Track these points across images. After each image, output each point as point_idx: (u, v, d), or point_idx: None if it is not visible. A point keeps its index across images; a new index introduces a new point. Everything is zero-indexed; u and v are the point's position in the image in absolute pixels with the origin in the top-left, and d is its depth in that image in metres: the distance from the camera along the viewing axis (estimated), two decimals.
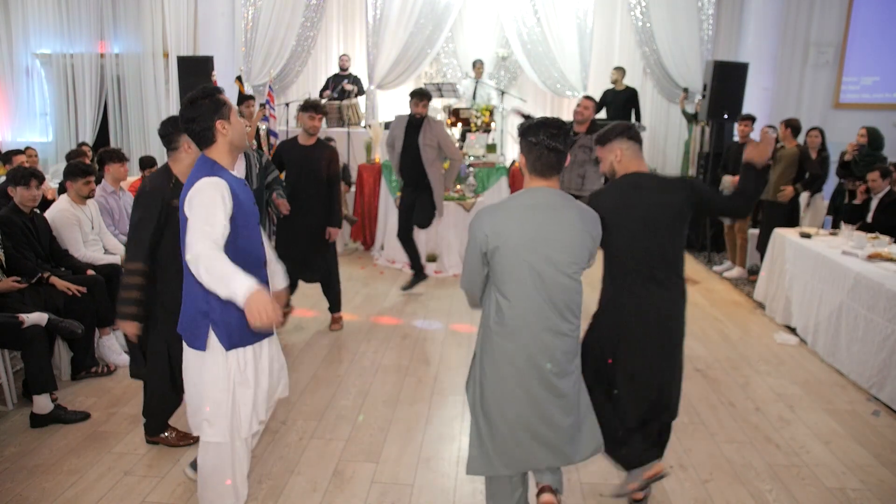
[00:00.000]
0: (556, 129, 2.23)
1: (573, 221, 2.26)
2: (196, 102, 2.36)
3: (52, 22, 9.68)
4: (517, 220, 2.26)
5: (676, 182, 2.73)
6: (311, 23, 9.62)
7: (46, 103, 10.06)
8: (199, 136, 2.39)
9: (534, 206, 2.27)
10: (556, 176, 2.30)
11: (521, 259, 2.25)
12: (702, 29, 9.20)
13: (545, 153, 2.24)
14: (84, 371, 4.15)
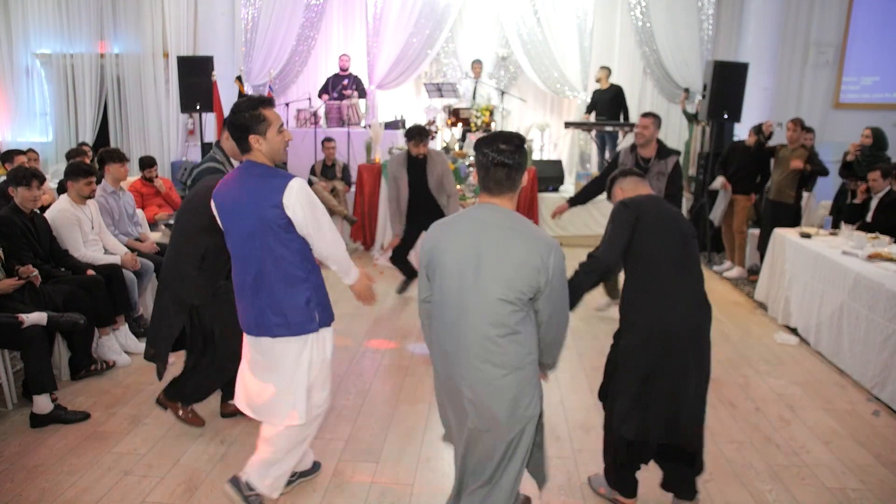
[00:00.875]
0: (504, 143, 2.08)
1: (515, 247, 2.06)
2: (238, 112, 2.52)
3: (52, 22, 9.68)
4: (456, 236, 2.12)
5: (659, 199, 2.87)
6: (311, 23, 9.63)
7: (46, 103, 10.06)
8: (238, 142, 2.57)
9: (474, 221, 2.11)
10: (508, 194, 2.13)
11: (452, 282, 2.12)
12: (702, 29, 9.21)
13: (492, 169, 2.09)
14: (84, 370, 4.15)
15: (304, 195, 2.50)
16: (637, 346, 2.66)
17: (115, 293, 4.43)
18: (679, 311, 2.60)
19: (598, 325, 5.30)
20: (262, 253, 2.54)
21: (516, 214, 2.14)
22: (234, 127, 2.54)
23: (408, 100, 10.09)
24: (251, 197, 2.51)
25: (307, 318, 2.58)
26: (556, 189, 8.44)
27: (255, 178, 2.54)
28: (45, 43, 9.81)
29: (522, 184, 2.18)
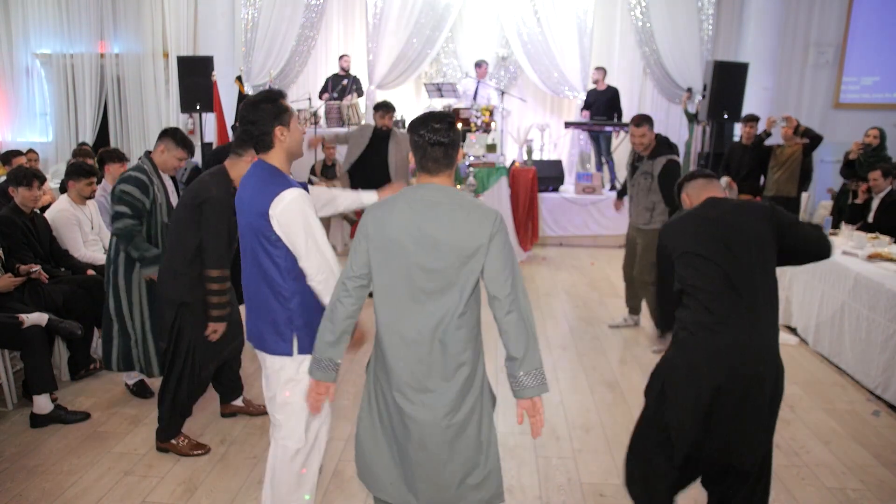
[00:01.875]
0: (437, 122, 2.06)
1: (461, 220, 2.03)
2: (258, 106, 2.37)
3: (52, 22, 9.68)
4: (397, 215, 2.06)
5: (756, 206, 2.40)
6: (311, 23, 9.62)
7: (46, 103, 10.07)
8: (257, 140, 2.40)
9: (418, 201, 2.06)
10: (446, 171, 2.11)
11: (395, 262, 2.06)
12: (702, 29, 9.21)
13: (429, 148, 2.06)
14: (83, 370, 4.15)
15: (294, 209, 2.30)
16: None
17: None
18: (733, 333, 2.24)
19: (599, 326, 5.30)
20: (251, 259, 2.42)
21: (456, 190, 2.13)
22: (254, 123, 2.36)
23: (408, 100, 10.09)
24: (248, 198, 2.38)
25: (284, 339, 2.42)
26: (556, 189, 8.44)
27: (257, 179, 2.38)
28: (45, 43, 9.82)
29: (458, 160, 2.16)
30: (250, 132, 2.39)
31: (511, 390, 2.12)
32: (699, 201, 2.47)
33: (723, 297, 2.25)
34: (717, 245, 2.28)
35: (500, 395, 4.02)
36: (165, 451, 3.30)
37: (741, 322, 2.23)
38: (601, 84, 8.88)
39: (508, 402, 3.94)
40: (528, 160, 8.11)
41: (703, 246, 2.30)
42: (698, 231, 2.34)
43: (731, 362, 2.22)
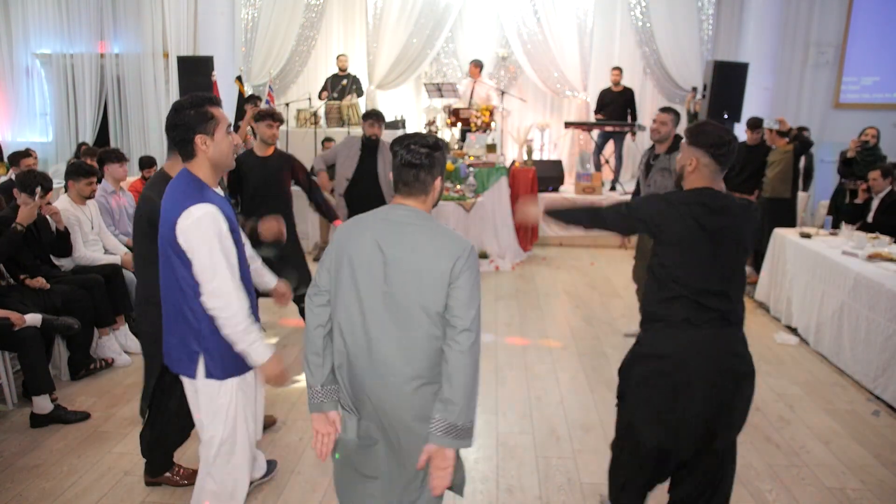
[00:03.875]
0: (417, 144, 1.96)
1: (423, 246, 1.92)
2: (181, 110, 2.21)
3: (52, 22, 9.69)
4: (362, 235, 1.97)
5: (749, 209, 2.35)
6: (311, 23, 9.63)
7: (46, 103, 10.07)
8: (178, 147, 2.24)
9: (384, 221, 1.97)
10: (420, 196, 1.99)
11: (352, 285, 1.96)
12: (702, 29, 9.22)
13: (402, 169, 1.97)
14: (83, 370, 4.15)
15: (199, 226, 2.13)
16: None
17: (115, 293, 4.43)
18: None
19: (599, 326, 5.30)
20: (165, 268, 2.27)
21: (427, 215, 2.00)
22: (175, 127, 2.20)
23: (408, 100, 10.09)
24: (165, 208, 2.22)
25: (191, 359, 2.28)
26: (556, 189, 8.44)
27: (175, 190, 2.22)
28: (45, 43, 9.82)
29: (435, 189, 2.01)
30: (172, 137, 2.24)
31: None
32: (702, 183, 2.32)
33: (707, 293, 2.27)
34: (711, 243, 2.26)
35: (501, 395, 4.03)
36: (158, 485, 3.03)
37: (720, 318, 2.31)
38: (618, 85, 8.89)
39: (508, 401, 3.96)
40: (528, 160, 8.12)
41: (698, 241, 2.26)
42: (697, 224, 2.26)
43: (712, 353, 2.28)
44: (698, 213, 2.26)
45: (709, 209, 2.27)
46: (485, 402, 3.94)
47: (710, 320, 2.29)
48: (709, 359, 2.28)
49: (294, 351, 4.67)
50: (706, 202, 2.28)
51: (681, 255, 2.27)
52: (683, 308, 2.28)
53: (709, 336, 2.28)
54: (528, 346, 4.83)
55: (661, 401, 2.30)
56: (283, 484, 3.07)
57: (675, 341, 2.29)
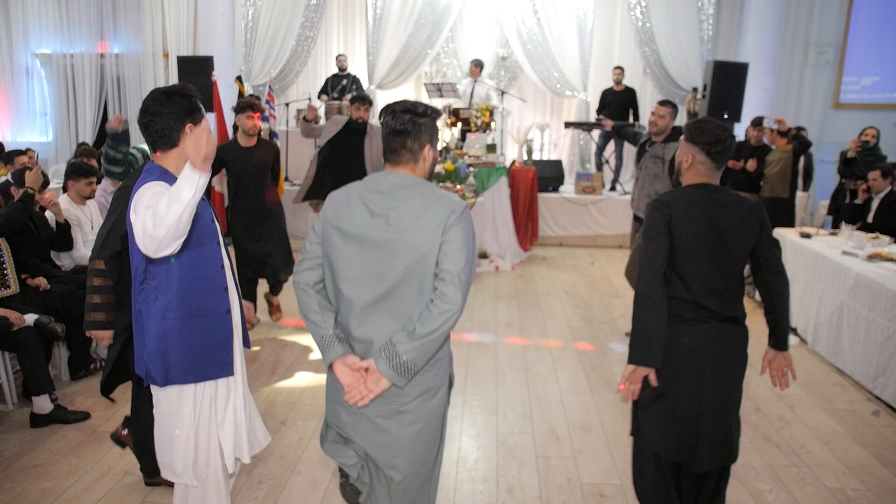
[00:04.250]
0: (405, 111, 1.97)
1: (415, 208, 1.92)
2: (172, 97, 2.12)
3: (52, 22, 9.69)
4: (355, 204, 1.97)
5: (754, 208, 2.36)
6: (311, 23, 9.63)
7: (46, 103, 10.07)
8: (160, 136, 2.13)
9: (374, 190, 1.97)
10: (409, 164, 1.99)
11: (352, 252, 1.95)
12: (702, 29, 9.22)
13: (389, 137, 1.98)
14: (83, 370, 4.15)
15: (144, 191, 2.02)
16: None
17: None
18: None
19: (599, 326, 5.30)
20: (133, 277, 2.19)
21: (417, 179, 1.99)
22: (164, 116, 2.12)
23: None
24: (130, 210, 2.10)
25: (158, 366, 2.16)
26: (556, 189, 8.44)
27: (138, 185, 2.10)
28: (45, 43, 9.82)
29: (425, 158, 2.00)
30: (153, 125, 2.12)
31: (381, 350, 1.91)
32: (698, 179, 2.34)
33: (710, 290, 2.31)
34: (718, 240, 2.28)
35: (501, 395, 4.03)
36: (157, 485, 3.00)
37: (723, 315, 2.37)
38: (620, 84, 8.89)
39: (508, 402, 3.95)
40: (528, 160, 8.11)
41: (707, 237, 2.26)
42: (706, 220, 2.25)
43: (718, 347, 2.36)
44: (707, 204, 2.27)
45: (717, 202, 2.28)
46: (485, 402, 3.94)
47: (711, 319, 2.32)
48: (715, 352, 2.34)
49: (294, 351, 4.67)
50: (711, 197, 2.29)
51: (686, 251, 2.27)
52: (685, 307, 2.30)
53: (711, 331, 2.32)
54: (528, 346, 4.83)
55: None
56: (283, 484, 3.07)
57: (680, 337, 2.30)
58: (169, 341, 2.12)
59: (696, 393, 2.32)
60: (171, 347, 2.13)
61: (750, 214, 2.32)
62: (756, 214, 2.34)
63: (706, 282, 2.29)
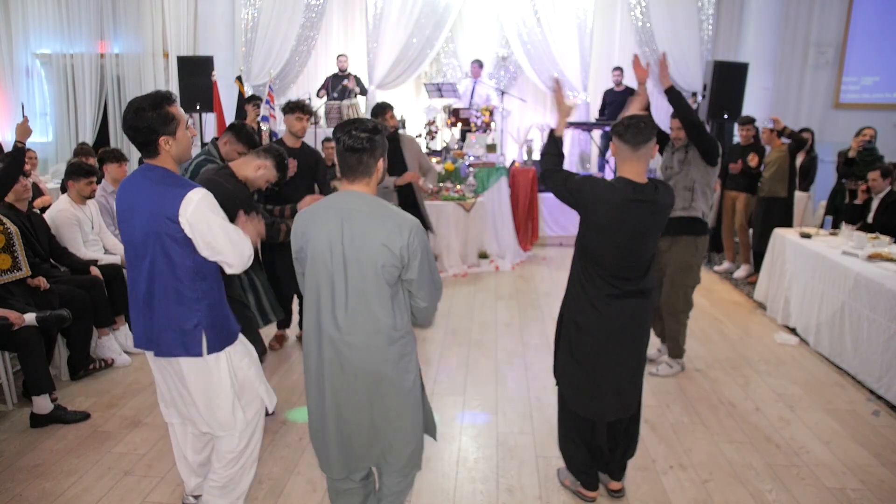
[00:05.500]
0: (357, 129, 2.10)
1: (375, 230, 2.10)
2: (142, 114, 2.26)
3: (52, 22, 9.68)
4: (321, 223, 2.14)
5: (669, 200, 2.71)
6: (311, 23, 9.62)
7: (46, 103, 10.07)
8: (142, 146, 2.33)
9: (335, 209, 2.13)
10: (365, 179, 2.16)
11: (320, 266, 2.15)
12: (702, 29, 9.21)
13: (345, 155, 2.12)
14: (82, 370, 4.16)
15: (204, 207, 2.29)
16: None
17: (115, 293, 4.43)
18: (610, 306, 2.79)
19: None
20: (151, 266, 2.34)
21: (374, 198, 2.16)
22: (138, 130, 2.27)
23: (408, 100, 10.09)
24: (147, 205, 2.29)
25: (193, 341, 2.39)
26: None
27: (155, 185, 2.31)
28: (45, 43, 9.82)
29: (378, 171, 2.18)
30: (132, 137, 2.30)
31: None
32: (620, 172, 2.67)
33: (622, 273, 2.67)
34: (631, 232, 2.60)
35: (501, 395, 4.03)
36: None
37: (631, 293, 2.69)
38: (620, 85, 8.89)
39: (508, 401, 3.95)
40: (528, 160, 8.11)
41: (620, 227, 2.59)
42: (622, 213, 2.58)
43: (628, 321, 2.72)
44: (625, 205, 2.58)
45: (633, 200, 2.58)
46: (485, 402, 3.94)
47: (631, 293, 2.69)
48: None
49: (294, 351, 4.67)
50: (629, 195, 2.58)
51: (602, 239, 2.65)
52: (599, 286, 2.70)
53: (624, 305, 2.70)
54: (528, 346, 4.83)
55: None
56: (283, 484, 3.07)
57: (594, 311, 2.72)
58: (216, 315, 2.43)
59: (607, 357, 2.74)
60: (218, 320, 2.45)
61: (662, 210, 2.70)
62: (669, 207, 2.73)
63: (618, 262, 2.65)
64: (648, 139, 2.59)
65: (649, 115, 2.67)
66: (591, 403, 2.79)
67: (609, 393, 2.77)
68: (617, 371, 2.76)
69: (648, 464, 3.27)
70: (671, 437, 3.54)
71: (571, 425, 2.90)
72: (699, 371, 4.43)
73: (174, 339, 2.38)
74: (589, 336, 2.74)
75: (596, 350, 2.74)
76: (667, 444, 3.47)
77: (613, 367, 2.75)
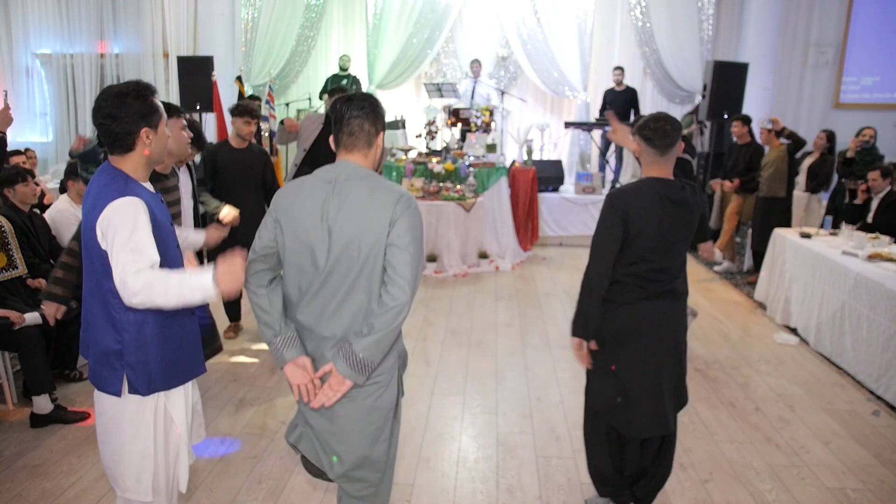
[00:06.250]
0: (360, 100, 2.01)
1: (362, 199, 1.94)
2: (124, 99, 1.96)
3: (52, 22, 9.68)
4: (305, 194, 1.98)
5: (698, 201, 2.59)
6: (311, 23, 9.63)
7: (46, 103, 10.07)
8: (115, 140, 1.99)
9: (325, 180, 1.99)
10: (363, 149, 2.02)
11: (301, 242, 1.97)
12: (702, 29, 9.21)
13: (347, 121, 1.99)
14: (57, 370, 4.04)
15: (119, 211, 1.90)
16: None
17: None
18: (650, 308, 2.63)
19: None
20: (90, 277, 2.04)
21: (369, 172, 2.01)
22: (118, 119, 1.96)
23: (408, 100, 10.09)
24: (86, 210, 2.00)
25: (115, 374, 2.02)
26: (556, 189, 8.45)
27: (97, 187, 1.99)
28: (45, 43, 9.82)
29: (377, 146, 2.05)
30: (106, 129, 1.98)
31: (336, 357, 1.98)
32: (648, 173, 2.55)
33: (654, 276, 2.53)
34: (665, 229, 2.49)
35: (501, 395, 4.03)
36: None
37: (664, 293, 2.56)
38: (621, 85, 8.90)
39: (506, 402, 3.95)
40: (528, 160, 8.11)
41: (652, 225, 2.47)
42: (652, 211, 2.46)
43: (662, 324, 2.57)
44: (656, 204, 2.47)
45: (670, 201, 2.49)
46: (485, 402, 3.94)
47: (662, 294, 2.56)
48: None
49: None
50: (662, 193, 2.48)
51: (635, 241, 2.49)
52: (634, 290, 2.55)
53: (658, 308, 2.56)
54: (528, 346, 4.83)
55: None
56: (283, 484, 3.07)
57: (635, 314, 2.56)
58: (149, 351, 2.03)
59: (635, 364, 2.57)
60: (151, 357, 2.03)
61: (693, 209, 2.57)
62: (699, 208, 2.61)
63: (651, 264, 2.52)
64: (676, 141, 2.50)
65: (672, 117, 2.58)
66: (626, 418, 2.58)
67: (647, 405, 2.56)
68: (655, 380, 2.55)
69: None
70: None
71: (602, 441, 2.74)
72: (699, 371, 4.43)
73: (97, 366, 2.06)
74: (625, 342, 2.56)
75: (632, 357, 2.55)
76: None
77: (652, 374, 2.55)
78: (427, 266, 6.76)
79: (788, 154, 6.18)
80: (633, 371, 2.56)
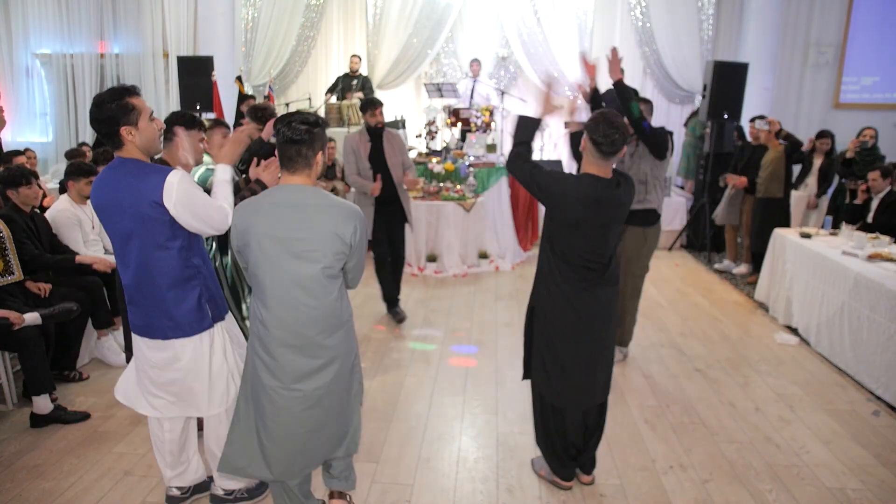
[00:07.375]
0: (298, 121, 2.16)
1: (320, 222, 2.18)
2: (102, 106, 2.31)
3: (52, 22, 9.68)
4: (263, 216, 2.20)
5: (628, 198, 2.80)
6: (311, 23, 9.63)
7: (46, 103, 10.07)
8: (107, 139, 2.38)
9: (278, 203, 2.20)
10: (305, 171, 2.22)
11: (272, 258, 2.20)
12: (702, 29, 9.21)
13: (285, 146, 2.19)
14: (57, 370, 4.07)
15: (183, 190, 2.32)
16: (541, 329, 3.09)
17: (115, 294, 4.42)
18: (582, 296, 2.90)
19: None
20: (141, 255, 2.39)
21: (315, 189, 2.22)
22: (100, 122, 2.32)
23: (408, 100, 10.09)
24: (127, 196, 2.32)
25: (199, 317, 2.50)
26: None
27: (129, 175, 2.34)
28: (45, 43, 9.82)
29: (317, 164, 2.24)
30: (99, 131, 2.37)
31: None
32: (587, 170, 2.76)
33: (590, 265, 2.76)
34: (598, 227, 2.70)
35: (501, 395, 4.03)
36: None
37: (599, 283, 2.81)
38: None
39: (508, 401, 3.95)
40: None
41: (588, 223, 2.69)
42: (589, 210, 2.68)
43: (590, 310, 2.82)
44: (593, 204, 2.67)
45: (603, 199, 2.67)
46: (485, 402, 3.94)
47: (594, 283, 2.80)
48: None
49: None
50: (596, 193, 2.67)
51: (572, 235, 2.73)
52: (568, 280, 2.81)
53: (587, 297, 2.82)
54: None
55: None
56: None
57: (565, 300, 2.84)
58: (211, 284, 2.56)
59: (576, 346, 2.84)
60: (213, 288, 2.58)
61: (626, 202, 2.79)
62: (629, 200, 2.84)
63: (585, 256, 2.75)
64: (620, 149, 2.68)
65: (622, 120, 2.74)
66: (566, 393, 2.90)
67: (584, 382, 2.88)
68: (591, 360, 2.87)
69: (648, 464, 3.28)
70: (671, 437, 3.54)
71: (547, 416, 3.00)
72: (699, 371, 4.43)
73: (168, 322, 2.45)
74: (563, 327, 2.83)
75: (570, 340, 2.84)
76: (667, 444, 3.47)
77: (588, 356, 2.86)
78: (427, 266, 6.76)
79: (786, 155, 6.19)
80: (573, 349, 2.85)
